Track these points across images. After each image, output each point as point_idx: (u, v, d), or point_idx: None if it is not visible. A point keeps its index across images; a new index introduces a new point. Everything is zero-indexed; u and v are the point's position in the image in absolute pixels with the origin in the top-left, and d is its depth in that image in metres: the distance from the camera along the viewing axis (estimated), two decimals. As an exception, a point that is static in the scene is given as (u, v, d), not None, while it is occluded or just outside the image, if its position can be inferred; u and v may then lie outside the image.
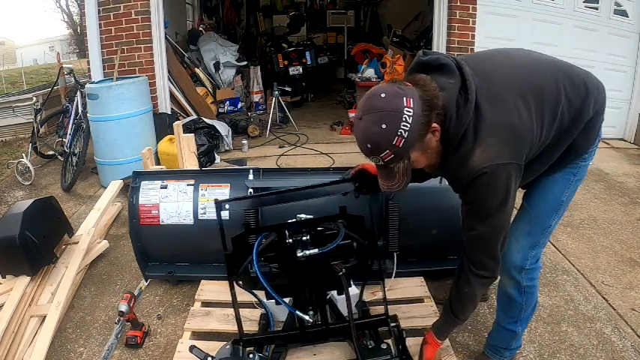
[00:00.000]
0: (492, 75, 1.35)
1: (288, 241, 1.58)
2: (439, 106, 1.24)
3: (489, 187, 1.29)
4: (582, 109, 1.40)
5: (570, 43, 4.76)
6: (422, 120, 1.21)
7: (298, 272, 1.63)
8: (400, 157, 1.24)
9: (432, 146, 1.30)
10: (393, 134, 1.19)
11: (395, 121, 1.18)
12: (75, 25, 20.35)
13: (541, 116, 1.34)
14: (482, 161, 1.26)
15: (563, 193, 1.54)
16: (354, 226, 1.65)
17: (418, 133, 1.22)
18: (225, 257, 1.65)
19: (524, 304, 1.68)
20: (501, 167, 1.27)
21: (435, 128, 1.26)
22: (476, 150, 1.27)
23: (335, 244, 1.56)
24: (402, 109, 1.18)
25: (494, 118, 1.28)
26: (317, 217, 1.67)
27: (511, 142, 1.28)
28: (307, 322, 1.68)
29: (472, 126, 1.28)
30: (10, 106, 5.69)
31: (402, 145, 1.20)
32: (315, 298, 1.72)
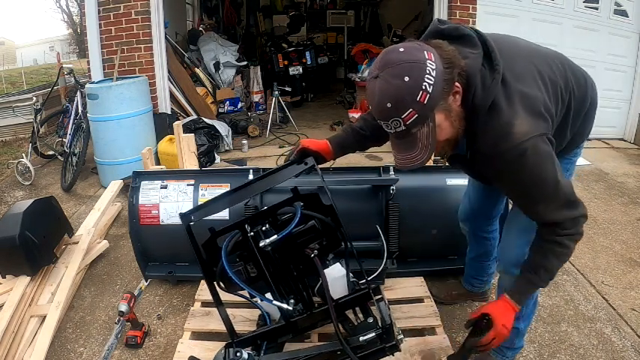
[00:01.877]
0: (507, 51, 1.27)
1: (250, 234, 1.56)
2: (460, 66, 1.14)
3: (538, 163, 1.19)
4: (583, 100, 1.41)
5: (570, 43, 4.76)
6: (445, 76, 1.10)
7: (269, 263, 1.60)
8: (425, 118, 1.11)
9: (455, 110, 1.18)
10: (418, 88, 1.06)
11: (418, 72, 1.06)
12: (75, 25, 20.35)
13: (555, 96, 1.30)
14: (522, 134, 1.16)
15: None
16: (311, 204, 1.60)
17: (442, 89, 1.10)
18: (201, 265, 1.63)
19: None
20: (540, 139, 1.19)
21: (458, 89, 1.15)
22: (516, 121, 1.17)
23: (292, 225, 1.52)
24: (425, 60, 1.07)
25: (522, 91, 1.21)
26: (272, 205, 1.63)
27: (541, 116, 1.22)
28: (287, 310, 1.64)
29: (503, 97, 1.19)
30: (10, 106, 5.69)
31: (427, 102, 1.08)
32: (294, 286, 1.68)
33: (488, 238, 1.97)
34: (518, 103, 1.20)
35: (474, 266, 2.09)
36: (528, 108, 1.20)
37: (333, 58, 8.48)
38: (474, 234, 1.99)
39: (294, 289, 1.69)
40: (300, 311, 1.68)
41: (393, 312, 1.87)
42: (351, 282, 1.80)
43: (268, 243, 1.53)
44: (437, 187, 2.22)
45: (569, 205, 1.28)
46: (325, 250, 1.67)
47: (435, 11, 4.64)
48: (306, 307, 1.70)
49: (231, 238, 1.64)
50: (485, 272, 2.10)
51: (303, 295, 1.71)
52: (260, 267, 1.63)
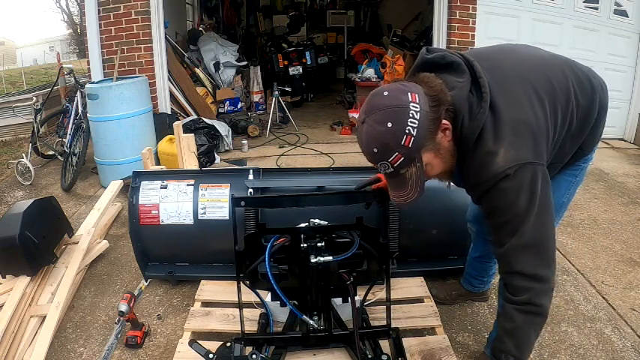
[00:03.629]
0: (502, 70, 1.25)
1: (303, 245, 1.59)
2: (447, 101, 1.15)
3: (512, 190, 1.16)
4: (590, 108, 1.34)
5: (570, 43, 4.76)
6: (430, 116, 1.11)
7: (309, 277, 1.64)
8: (411, 160, 1.14)
9: (445, 147, 1.19)
10: (401, 132, 1.09)
11: (401, 117, 1.08)
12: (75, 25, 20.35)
13: (554, 116, 1.25)
14: (506, 161, 1.15)
15: (564, 195, 1.53)
16: (368, 237, 1.65)
17: (428, 130, 1.11)
18: (235, 255, 1.65)
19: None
20: (525, 167, 1.15)
21: (446, 125, 1.16)
22: (499, 150, 1.16)
23: (349, 253, 1.57)
24: (408, 104, 1.09)
25: (512, 115, 1.18)
26: (333, 225, 1.67)
27: (532, 142, 1.18)
28: (311, 326, 1.68)
29: (490, 124, 1.17)
30: (10, 106, 5.69)
31: (412, 145, 1.10)
32: (321, 303, 1.73)
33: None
34: (506, 130, 1.17)
35: (476, 266, 2.08)
36: (518, 135, 1.18)
37: (333, 58, 8.50)
38: (481, 236, 1.97)
39: (319, 305, 1.72)
40: (319, 327, 1.72)
41: (393, 312, 1.87)
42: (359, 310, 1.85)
43: (322, 262, 1.55)
44: (437, 186, 2.18)
45: (536, 254, 1.19)
46: (359, 279, 1.72)
47: (435, 11, 4.64)
48: (327, 326, 1.74)
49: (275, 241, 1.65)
50: (487, 272, 2.09)
51: (329, 313, 1.77)
52: (302, 279, 1.66)
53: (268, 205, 2.09)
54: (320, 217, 1.74)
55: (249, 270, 1.67)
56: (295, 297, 1.73)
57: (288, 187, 2.23)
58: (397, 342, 1.75)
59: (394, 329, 1.79)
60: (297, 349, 1.79)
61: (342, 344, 1.79)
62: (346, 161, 4.32)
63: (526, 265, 1.20)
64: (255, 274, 1.69)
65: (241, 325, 1.75)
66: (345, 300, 1.86)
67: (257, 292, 1.80)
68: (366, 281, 1.79)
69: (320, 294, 1.71)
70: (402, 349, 1.73)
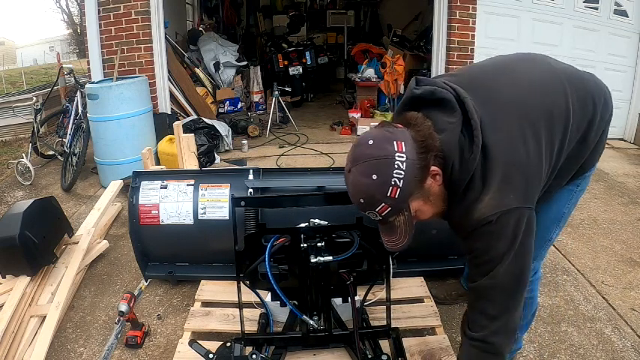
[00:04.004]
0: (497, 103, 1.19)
1: (303, 245, 1.59)
2: (435, 147, 1.10)
3: (493, 234, 1.13)
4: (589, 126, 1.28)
5: (570, 43, 4.76)
6: (417, 164, 1.07)
7: (309, 277, 1.64)
8: (399, 210, 1.11)
9: (435, 192, 1.15)
10: (387, 184, 1.06)
11: (386, 169, 1.05)
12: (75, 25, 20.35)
13: (551, 145, 1.21)
14: (489, 209, 1.11)
15: (565, 205, 1.49)
16: (368, 237, 1.65)
17: (415, 179, 1.08)
18: (235, 255, 1.65)
19: (528, 314, 1.67)
20: (508, 213, 1.11)
21: (435, 172, 1.12)
22: (484, 197, 1.13)
23: (349, 253, 1.57)
24: (393, 154, 1.05)
25: (504, 158, 1.13)
26: (333, 225, 1.67)
27: (522, 185, 1.14)
28: (311, 326, 1.68)
29: (480, 170, 1.13)
30: (10, 106, 5.69)
31: (399, 196, 1.07)
32: (321, 303, 1.73)
33: None
34: (496, 177, 1.13)
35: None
36: (508, 180, 1.13)
37: (333, 58, 8.50)
38: None
39: (319, 305, 1.72)
40: (319, 327, 1.72)
41: (393, 312, 1.87)
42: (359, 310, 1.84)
43: (322, 262, 1.55)
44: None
45: (504, 297, 1.17)
46: (358, 279, 1.72)
47: (435, 11, 4.65)
48: (327, 326, 1.74)
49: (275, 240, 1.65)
50: None
51: (329, 313, 1.77)
52: (302, 279, 1.66)
53: (268, 205, 2.09)
54: (320, 217, 1.75)
55: (249, 270, 1.67)
56: (295, 297, 1.73)
57: (288, 187, 2.23)
58: (397, 342, 1.75)
59: (394, 329, 1.79)
60: (297, 349, 1.79)
61: (342, 344, 1.79)
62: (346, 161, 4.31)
63: (490, 306, 1.18)
64: (255, 274, 1.69)
65: (241, 325, 1.75)
66: (345, 300, 1.86)
67: (257, 292, 1.80)
68: (366, 281, 1.79)
69: (320, 294, 1.71)
70: (402, 349, 1.73)
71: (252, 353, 1.57)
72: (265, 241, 1.65)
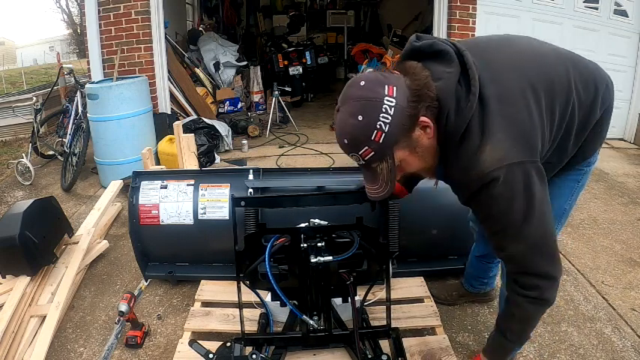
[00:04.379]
0: (497, 63, 1.18)
1: (303, 245, 1.59)
2: (430, 97, 1.08)
3: (505, 196, 1.09)
4: (592, 107, 1.27)
5: (570, 43, 4.75)
6: (407, 112, 1.05)
7: (309, 277, 1.64)
8: (382, 156, 1.10)
9: (424, 145, 1.13)
10: (372, 127, 1.05)
11: (373, 111, 1.04)
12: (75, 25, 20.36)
13: (551, 114, 1.18)
14: (493, 161, 1.08)
15: (566, 201, 1.50)
16: (368, 237, 1.65)
17: (402, 127, 1.06)
18: (235, 255, 1.65)
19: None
20: (516, 167, 1.08)
21: (425, 123, 1.09)
22: (485, 147, 1.08)
23: (349, 253, 1.57)
24: (382, 98, 1.04)
25: (503, 111, 1.10)
26: (333, 225, 1.68)
27: (523, 139, 1.11)
28: (311, 326, 1.69)
29: (477, 120, 1.10)
30: (10, 106, 5.69)
31: (383, 141, 1.06)
32: (321, 303, 1.73)
33: None
34: (495, 126, 1.10)
35: (477, 266, 2.07)
36: (508, 132, 1.10)
37: (333, 58, 8.49)
38: (483, 235, 1.97)
39: (319, 305, 1.72)
40: (319, 327, 1.72)
41: (393, 312, 1.87)
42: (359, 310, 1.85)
43: (322, 262, 1.55)
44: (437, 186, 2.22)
45: (542, 255, 1.16)
46: (358, 279, 1.72)
47: (435, 11, 4.64)
48: (327, 326, 1.74)
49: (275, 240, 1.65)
50: (487, 274, 2.08)
51: (329, 313, 1.77)
52: (302, 279, 1.66)
53: (268, 205, 2.09)
54: (320, 217, 1.75)
55: (249, 270, 1.67)
56: (295, 297, 1.73)
57: (288, 187, 2.23)
58: (397, 342, 1.75)
59: (394, 329, 1.79)
60: (297, 349, 1.79)
61: (342, 344, 1.79)
62: (346, 161, 4.29)
63: (535, 267, 1.18)
64: (255, 274, 1.69)
65: (241, 325, 1.75)
66: (345, 300, 1.86)
67: (257, 292, 1.80)
68: (366, 281, 1.79)
69: (320, 294, 1.71)
70: (402, 349, 1.73)
71: (252, 353, 1.57)
72: (265, 241, 1.65)
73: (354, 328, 1.63)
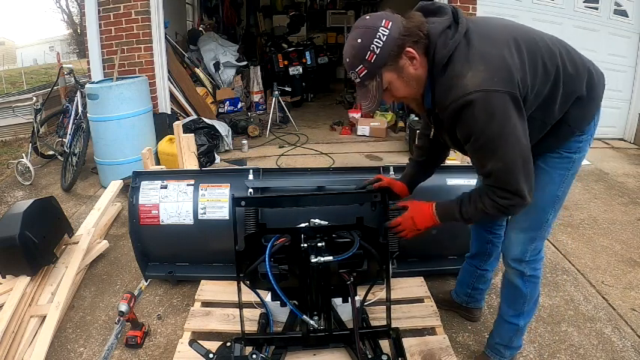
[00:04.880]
0: (488, 25, 1.38)
1: (303, 245, 1.59)
2: (420, 35, 1.29)
3: (482, 114, 1.24)
4: (577, 80, 1.39)
5: (570, 43, 4.67)
6: (397, 42, 1.28)
7: (309, 277, 1.64)
8: (373, 74, 1.32)
9: (409, 72, 1.33)
10: (366, 49, 1.28)
11: (369, 36, 1.28)
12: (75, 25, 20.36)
13: (534, 65, 1.32)
14: (474, 85, 1.23)
15: (558, 188, 1.55)
16: (368, 237, 1.66)
17: (390, 52, 1.28)
18: (236, 255, 1.66)
19: (527, 295, 1.68)
20: (494, 93, 1.22)
21: (411, 54, 1.29)
22: (467, 73, 1.25)
23: (350, 253, 1.57)
24: (378, 27, 1.28)
25: (485, 48, 1.28)
26: (334, 225, 1.68)
27: (503, 73, 1.25)
28: (311, 326, 1.68)
29: (462, 52, 1.28)
30: (10, 106, 5.69)
31: (374, 61, 1.29)
32: (321, 303, 1.73)
33: (489, 240, 1.94)
34: (477, 59, 1.26)
35: (465, 268, 2.06)
36: (488, 64, 1.25)
37: (333, 58, 8.49)
38: (477, 230, 1.97)
39: (319, 305, 1.72)
40: (319, 327, 1.72)
41: (393, 312, 1.87)
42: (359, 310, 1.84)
43: (322, 262, 1.56)
44: (437, 186, 2.21)
45: (517, 174, 1.30)
46: (359, 279, 1.72)
47: (435, 11, 4.64)
48: (327, 326, 1.75)
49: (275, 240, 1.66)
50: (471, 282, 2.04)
51: (329, 313, 1.77)
52: (302, 279, 1.66)
53: (268, 205, 2.09)
54: (320, 217, 1.75)
55: (250, 270, 1.67)
56: (295, 297, 1.73)
57: (288, 187, 2.24)
58: (397, 342, 1.75)
59: (394, 329, 1.79)
60: (297, 349, 1.79)
61: (342, 344, 1.79)
62: (346, 161, 4.32)
63: (509, 183, 1.32)
64: (256, 274, 1.69)
65: (241, 325, 1.75)
66: (345, 300, 1.86)
67: (257, 292, 1.80)
68: (366, 281, 1.79)
69: (320, 294, 1.71)
70: (402, 349, 1.73)
71: (252, 353, 1.57)
72: (265, 241, 1.65)
73: (354, 328, 1.63)
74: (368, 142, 5.04)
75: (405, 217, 1.59)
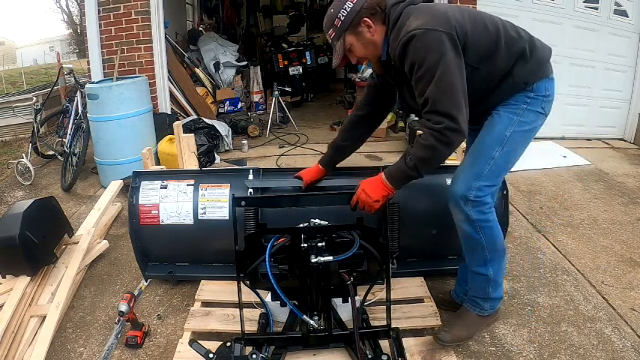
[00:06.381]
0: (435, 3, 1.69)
1: (303, 245, 1.59)
2: (376, 9, 1.64)
3: (421, 47, 1.52)
4: (518, 40, 1.64)
5: (570, 43, 4.76)
6: (357, 13, 1.63)
7: (309, 277, 1.64)
8: (339, 36, 1.69)
9: (366, 37, 1.67)
10: (335, 16, 1.67)
11: (339, 7, 1.66)
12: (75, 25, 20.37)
13: (474, 22, 1.60)
14: (414, 26, 1.53)
15: (506, 128, 1.66)
16: (368, 237, 1.66)
17: (352, 21, 1.65)
18: (236, 255, 1.66)
19: (483, 242, 1.70)
20: (430, 32, 1.51)
21: (367, 23, 1.65)
22: (410, 20, 1.57)
23: (350, 253, 1.57)
24: (346, 1, 1.65)
25: (429, 6, 1.62)
26: (334, 225, 1.69)
27: (441, 19, 1.54)
28: (311, 326, 1.68)
29: (409, 11, 1.61)
30: (10, 106, 5.69)
31: (340, 26, 1.67)
32: (321, 303, 1.73)
33: None
34: (419, 11, 1.59)
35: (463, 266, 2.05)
36: (429, 13, 1.57)
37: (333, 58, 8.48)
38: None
39: (319, 305, 1.72)
40: (319, 327, 1.72)
41: (393, 312, 1.87)
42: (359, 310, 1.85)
43: (322, 262, 1.56)
44: (437, 186, 2.21)
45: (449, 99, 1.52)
46: (359, 279, 1.73)
47: (435, 11, 4.64)
48: (327, 326, 1.74)
49: (275, 240, 1.66)
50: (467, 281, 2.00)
51: (329, 313, 1.77)
52: (302, 279, 1.67)
53: (268, 205, 2.09)
54: (320, 217, 1.75)
55: (250, 270, 1.67)
56: (295, 297, 1.73)
57: (289, 187, 2.23)
58: (397, 342, 1.75)
59: (394, 329, 1.79)
60: (297, 349, 1.79)
61: (342, 344, 1.79)
62: (346, 161, 4.31)
63: (442, 106, 1.53)
64: (256, 274, 1.69)
65: (241, 325, 1.75)
66: (345, 300, 1.86)
67: (257, 292, 1.80)
68: (366, 281, 1.79)
69: (320, 294, 1.71)
70: (402, 349, 1.73)
71: (252, 353, 1.57)
72: (265, 241, 1.65)
73: (354, 328, 1.63)
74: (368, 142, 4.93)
75: (358, 192, 1.74)
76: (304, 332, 1.73)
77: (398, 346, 1.73)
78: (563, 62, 4.80)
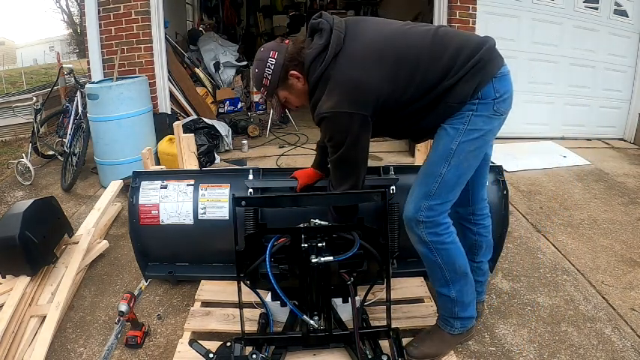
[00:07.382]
0: (364, 36, 1.63)
1: (304, 245, 1.59)
2: (299, 60, 1.64)
3: (331, 128, 1.62)
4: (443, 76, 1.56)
5: (570, 43, 4.76)
6: (282, 68, 1.64)
7: (309, 277, 1.64)
8: (271, 94, 1.71)
9: (297, 88, 1.69)
10: (261, 77, 1.67)
11: (262, 67, 1.66)
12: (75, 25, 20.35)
13: (394, 74, 1.57)
14: (325, 108, 1.58)
15: (452, 141, 1.60)
16: (368, 237, 1.66)
17: (279, 77, 1.65)
18: (236, 255, 1.66)
19: (440, 263, 1.66)
20: (340, 114, 1.56)
21: (295, 75, 1.65)
22: (324, 97, 1.60)
23: (350, 253, 1.57)
24: (267, 59, 1.64)
25: (345, 73, 1.57)
26: (334, 225, 1.69)
27: (353, 96, 1.56)
28: (312, 326, 1.68)
29: (326, 77, 1.59)
30: (10, 106, 5.69)
31: (269, 85, 1.67)
32: (321, 303, 1.73)
33: (476, 232, 1.92)
34: (333, 87, 1.58)
35: None
36: (343, 90, 1.57)
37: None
38: (459, 223, 1.89)
39: (320, 305, 1.72)
40: (319, 327, 1.72)
41: (393, 312, 1.87)
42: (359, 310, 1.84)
43: (323, 262, 1.56)
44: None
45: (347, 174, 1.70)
46: (359, 279, 1.72)
47: (435, 11, 4.64)
48: (327, 326, 1.74)
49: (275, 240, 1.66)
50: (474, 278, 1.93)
51: (330, 313, 1.77)
52: (302, 279, 1.67)
53: (268, 205, 2.09)
54: (320, 217, 1.75)
55: (250, 270, 1.67)
56: (295, 297, 1.73)
57: (289, 187, 2.23)
58: (397, 342, 1.75)
59: (394, 329, 1.79)
60: (297, 349, 1.79)
61: (342, 344, 1.79)
62: (346, 161, 4.31)
63: (340, 174, 1.71)
64: (256, 274, 1.69)
65: (241, 325, 1.75)
66: (345, 300, 1.86)
67: (257, 292, 1.80)
68: (366, 281, 1.79)
69: (320, 294, 1.71)
70: (402, 349, 1.73)
71: (252, 353, 1.57)
72: (265, 241, 1.65)
73: (355, 328, 1.63)
74: (368, 142, 5.02)
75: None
76: (304, 332, 1.73)
77: (398, 347, 1.73)
78: (563, 62, 4.80)
